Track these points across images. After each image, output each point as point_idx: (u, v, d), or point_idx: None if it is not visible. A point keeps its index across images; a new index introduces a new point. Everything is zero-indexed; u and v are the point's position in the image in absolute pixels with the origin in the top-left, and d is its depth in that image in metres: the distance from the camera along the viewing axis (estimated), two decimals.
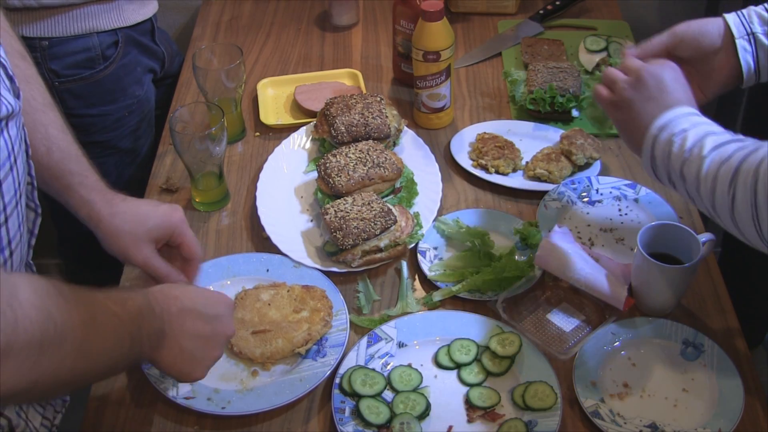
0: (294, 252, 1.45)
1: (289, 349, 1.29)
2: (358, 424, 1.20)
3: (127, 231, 1.21)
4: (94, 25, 1.68)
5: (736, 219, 1.05)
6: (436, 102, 1.70)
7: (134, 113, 1.81)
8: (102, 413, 1.25)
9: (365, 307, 1.38)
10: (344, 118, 1.59)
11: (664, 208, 1.50)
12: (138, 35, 1.79)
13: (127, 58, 1.76)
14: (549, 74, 1.74)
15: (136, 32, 1.78)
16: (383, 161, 1.51)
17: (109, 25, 1.71)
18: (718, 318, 1.35)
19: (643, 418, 1.20)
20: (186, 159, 1.49)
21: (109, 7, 1.70)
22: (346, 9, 2.02)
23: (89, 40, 1.69)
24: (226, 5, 2.13)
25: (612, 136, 1.69)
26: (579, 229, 1.50)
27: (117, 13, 1.71)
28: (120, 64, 1.75)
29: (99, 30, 1.70)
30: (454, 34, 1.65)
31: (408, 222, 1.45)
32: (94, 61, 1.70)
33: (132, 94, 1.79)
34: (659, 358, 1.28)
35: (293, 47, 1.99)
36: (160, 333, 1.04)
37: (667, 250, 1.32)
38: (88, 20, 1.67)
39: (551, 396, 1.21)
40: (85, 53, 1.69)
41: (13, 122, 0.99)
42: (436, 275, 1.41)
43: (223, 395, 1.25)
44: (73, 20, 1.65)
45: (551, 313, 1.37)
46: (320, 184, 1.53)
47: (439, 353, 1.30)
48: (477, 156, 1.63)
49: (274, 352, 1.29)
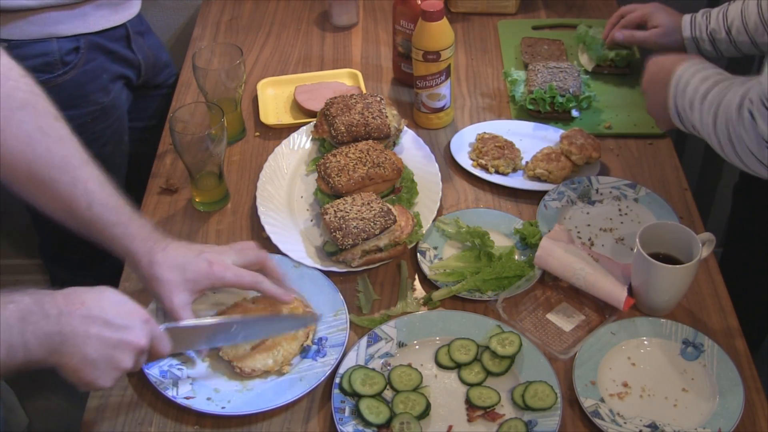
0: (294, 252, 1.45)
1: (297, 347, 1.29)
2: (358, 424, 1.20)
3: (167, 280, 1.25)
4: (54, 30, 1.65)
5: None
6: (436, 102, 1.70)
7: (98, 120, 1.76)
8: (102, 413, 1.25)
9: (365, 307, 1.38)
10: (344, 118, 1.59)
11: (664, 208, 1.50)
12: (107, 42, 1.74)
13: (91, 64, 1.72)
14: (549, 74, 1.74)
15: (104, 38, 1.73)
16: (383, 161, 1.51)
17: (70, 31, 1.67)
18: (718, 318, 1.35)
19: (643, 418, 1.20)
20: (186, 159, 1.49)
21: (72, 14, 1.66)
22: (346, 9, 2.02)
23: (48, 45, 1.65)
24: (226, 5, 2.13)
25: (613, 136, 1.69)
26: (579, 229, 1.50)
27: (80, 20, 1.68)
28: (82, 70, 1.70)
29: (59, 35, 1.66)
30: (454, 34, 1.65)
31: (408, 222, 1.45)
32: (52, 66, 1.66)
33: (95, 101, 1.74)
34: (659, 358, 1.28)
35: (293, 47, 1.99)
36: (57, 336, 1.04)
37: (667, 250, 1.32)
38: (48, 25, 1.64)
39: (551, 396, 1.21)
40: (43, 58, 1.65)
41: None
42: (436, 275, 1.41)
43: (223, 395, 1.25)
44: (32, 24, 1.63)
45: (551, 313, 1.37)
46: (320, 184, 1.53)
47: (439, 353, 1.30)
48: (477, 156, 1.63)
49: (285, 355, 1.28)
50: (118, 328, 1.10)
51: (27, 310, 1.03)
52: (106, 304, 1.11)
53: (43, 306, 1.04)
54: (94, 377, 1.09)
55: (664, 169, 1.62)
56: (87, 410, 1.26)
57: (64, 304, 1.07)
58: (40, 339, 1.03)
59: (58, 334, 1.05)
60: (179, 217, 1.56)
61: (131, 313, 1.14)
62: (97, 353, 1.08)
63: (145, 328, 1.14)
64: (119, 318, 1.11)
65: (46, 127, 1.23)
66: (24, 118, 1.21)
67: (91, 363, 1.08)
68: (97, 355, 1.08)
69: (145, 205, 1.58)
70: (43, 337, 1.03)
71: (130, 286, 1.40)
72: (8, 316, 1.01)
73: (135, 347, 1.12)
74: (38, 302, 1.04)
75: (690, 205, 1.54)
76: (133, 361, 1.13)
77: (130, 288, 1.39)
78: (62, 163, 1.22)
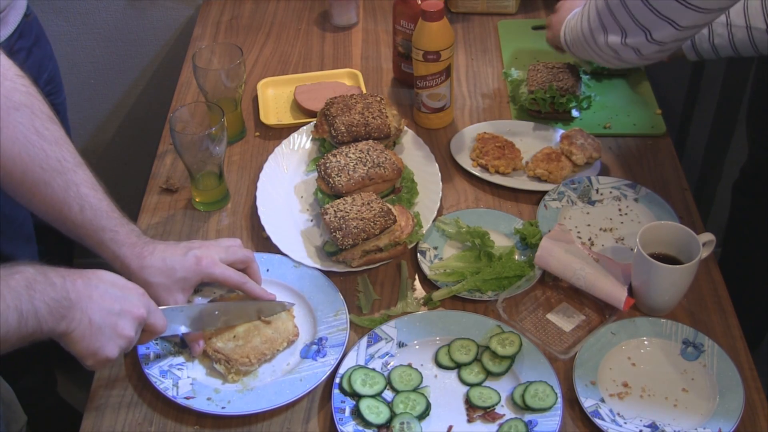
0: (294, 252, 1.45)
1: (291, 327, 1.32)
2: (358, 424, 1.20)
3: (157, 283, 1.27)
4: None
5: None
6: (436, 102, 1.70)
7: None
8: (102, 413, 1.25)
9: (365, 307, 1.38)
10: (344, 118, 1.59)
11: (664, 208, 1.50)
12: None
13: None
14: (549, 74, 1.74)
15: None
16: (383, 161, 1.51)
17: None
18: (718, 318, 1.35)
19: (643, 418, 1.20)
20: (186, 159, 1.49)
21: None
22: (346, 9, 2.02)
23: None
24: (226, 5, 2.13)
25: (613, 136, 1.69)
26: (579, 229, 1.50)
27: None
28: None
29: None
30: (454, 34, 1.65)
31: (408, 222, 1.45)
32: None
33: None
34: (659, 358, 1.28)
35: (293, 47, 1.99)
36: (65, 302, 1.06)
37: (667, 250, 1.32)
38: None
39: (551, 396, 1.21)
40: None
41: None
42: (436, 275, 1.41)
43: (223, 395, 1.25)
44: None
45: (551, 313, 1.37)
46: (320, 184, 1.53)
47: (439, 353, 1.30)
48: (477, 156, 1.63)
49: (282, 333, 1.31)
50: (118, 296, 1.14)
51: (32, 279, 1.04)
52: (104, 276, 1.15)
53: (47, 275, 1.06)
54: (101, 344, 1.11)
55: (664, 169, 1.62)
56: (87, 410, 1.26)
57: (66, 273, 1.09)
58: (49, 305, 1.04)
59: (66, 299, 1.07)
60: (179, 217, 1.56)
61: (128, 286, 1.17)
62: (102, 320, 1.10)
63: (143, 299, 1.18)
64: (117, 288, 1.15)
65: (41, 129, 1.23)
66: (20, 120, 1.21)
67: (98, 329, 1.10)
68: (102, 321, 1.10)
69: (145, 205, 1.58)
70: (51, 302, 1.05)
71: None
72: (15, 284, 1.02)
73: (135, 315, 1.15)
74: (42, 272, 1.06)
75: (690, 205, 1.54)
76: (134, 330, 1.15)
77: None
78: (56, 166, 1.23)
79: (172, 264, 1.27)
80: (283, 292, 1.39)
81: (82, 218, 1.25)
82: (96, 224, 1.26)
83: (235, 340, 1.29)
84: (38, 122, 1.23)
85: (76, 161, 1.27)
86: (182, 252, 1.29)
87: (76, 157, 1.27)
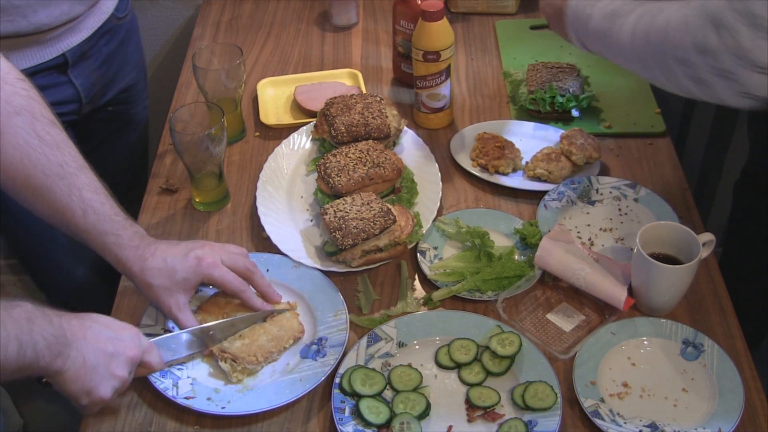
0: (294, 252, 1.45)
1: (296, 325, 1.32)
2: (358, 424, 1.20)
3: (158, 285, 1.28)
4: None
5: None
6: (436, 102, 1.70)
7: None
8: (102, 413, 1.25)
9: (365, 307, 1.38)
10: (344, 118, 1.59)
11: (664, 208, 1.50)
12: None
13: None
14: (549, 74, 1.74)
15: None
16: (383, 161, 1.51)
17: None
18: (718, 318, 1.35)
19: (643, 418, 1.20)
20: (186, 159, 1.49)
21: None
22: (346, 9, 2.02)
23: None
24: (226, 5, 2.13)
25: (613, 136, 1.69)
26: (579, 229, 1.50)
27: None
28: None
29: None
30: (454, 34, 1.65)
31: (408, 222, 1.45)
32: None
33: None
34: (659, 358, 1.28)
35: (293, 47, 1.99)
36: (61, 339, 1.08)
37: (667, 250, 1.32)
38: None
39: (551, 396, 1.21)
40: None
41: None
42: (436, 275, 1.41)
43: (223, 395, 1.25)
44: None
45: (551, 313, 1.37)
46: (320, 184, 1.53)
47: (439, 353, 1.30)
48: (477, 156, 1.63)
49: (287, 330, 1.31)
50: (111, 337, 1.15)
51: (32, 313, 1.06)
52: (98, 318, 1.17)
53: (44, 312, 1.08)
54: (95, 383, 1.12)
55: (664, 169, 1.62)
56: None
57: (62, 313, 1.12)
58: (47, 340, 1.06)
59: (62, 337, 1.08)
60: (179, 217, 1.56)
61: (123, 326, 1.19)
62: (96, 360, 1.12)
63: (136, 339, 1.19)
64: (112, 329, 1.16)
65: (42, 133, 1.23)
66: (21, 124, 1.22)
67: (92, 368, 1.12)
68: (96, 361, 1.12)
69: (145, 205, 1.58)
70: (49, 338, 1.06)
71: (131, 285, 1.40)
72: (17, 315, 1.04)
73: (129, 356, 1.16)
74: (39, 309, 1.08)
75: (690, 205, 1.54)
76: (128, 371, 1.17)
77: (131, 287, 1.39)
78: (58, 171, 1.23)
79: (173, 264, 1.28)
80: (283, 292, 1.39)
81: (85, 222, 1.25)
82: (99, 228, 1.26)
83: (241, 339, 1.30)
84: (39, 126, 1.24)
85: (78, 164, 1.27)
86: (184, 252, 1.29)
87: (78, 160, 1.27)
